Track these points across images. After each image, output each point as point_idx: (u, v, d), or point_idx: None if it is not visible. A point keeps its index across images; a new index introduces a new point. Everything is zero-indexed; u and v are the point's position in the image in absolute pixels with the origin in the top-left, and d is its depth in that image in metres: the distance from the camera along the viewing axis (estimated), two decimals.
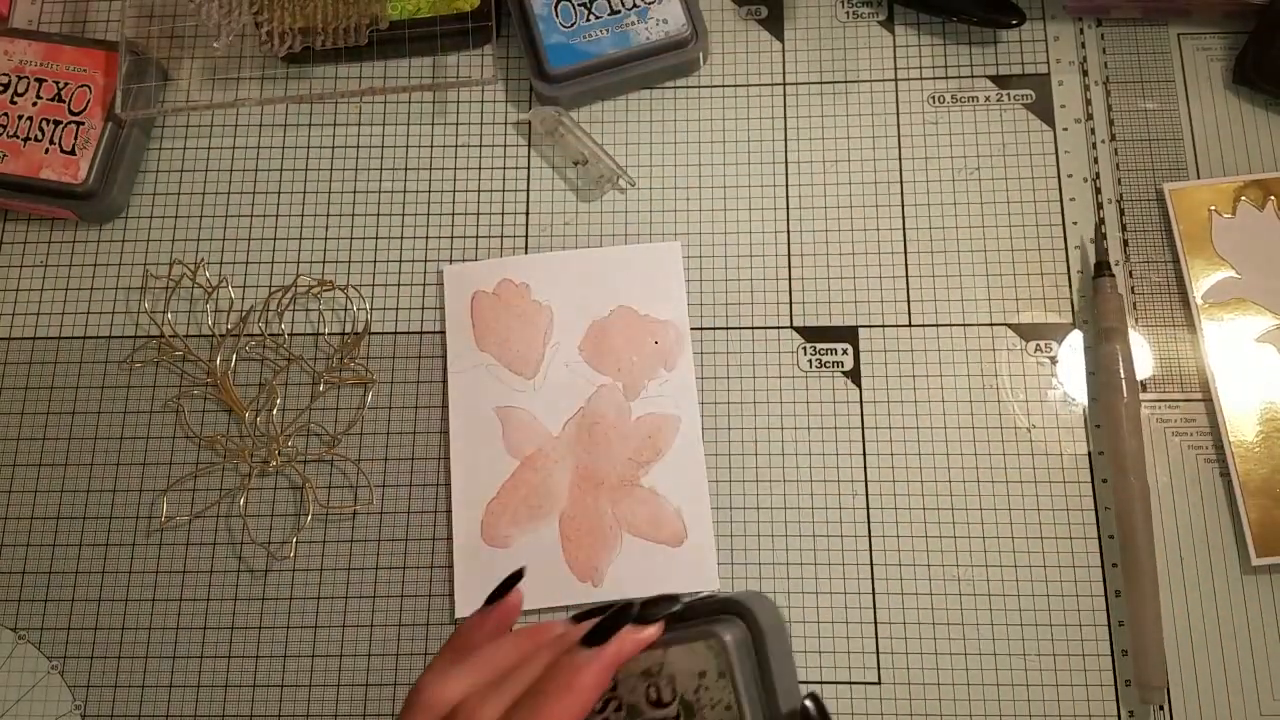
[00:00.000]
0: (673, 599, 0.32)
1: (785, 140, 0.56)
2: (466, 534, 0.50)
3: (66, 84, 0.55)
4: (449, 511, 0.51)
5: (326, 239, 0.55)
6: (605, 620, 0.32)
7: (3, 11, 0.59)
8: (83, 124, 0.54)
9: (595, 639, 0.31)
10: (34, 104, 0.55)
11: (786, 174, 0.55)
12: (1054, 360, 0.52)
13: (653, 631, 0.32)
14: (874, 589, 0.49)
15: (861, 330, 0.52)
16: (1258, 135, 0.54)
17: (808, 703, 0.30)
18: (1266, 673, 0.47)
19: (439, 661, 0.33)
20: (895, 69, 0.56)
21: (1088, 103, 0.55)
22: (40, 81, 0.55)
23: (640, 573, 0.49)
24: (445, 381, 0.53)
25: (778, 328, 0.53)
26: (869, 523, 0.50)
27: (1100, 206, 0.54)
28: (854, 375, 0.52)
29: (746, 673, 0.30)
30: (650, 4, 0.55)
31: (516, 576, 0.35)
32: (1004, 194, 0.54)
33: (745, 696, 0.30)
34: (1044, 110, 0.55)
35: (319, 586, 0.50)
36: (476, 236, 0.55)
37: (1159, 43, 0.56)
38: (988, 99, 0.56)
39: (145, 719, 0.49)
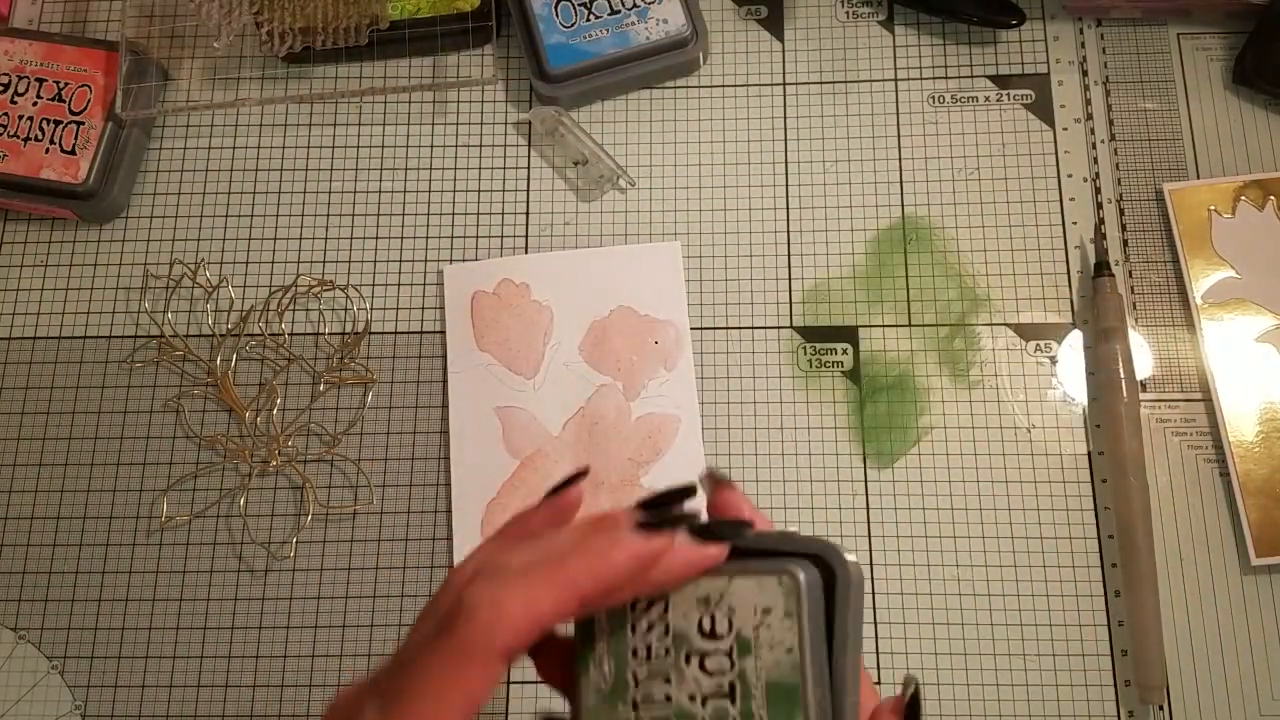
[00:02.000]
0: (744, 523, 0.30)
1: (785, 140, 0.56)
2: (466, 534, 0.50)
3: (67, 84, 0.55)
4: (449, 511, 0.51)
5: (327, 239, 0.55)
6: (659, 497, 0.29)
7: (3, 11, 0.59)
8: (83, 124, 0.54)
9: (650, 525, 0.28)
10: (34, 104, 0.55)
11: (786, 174, 0.55)
12: (1054, 360, 0.52)
13: (714, 552, 0.28)
14: (874, 589, 0.49)
15: (861, 330, 0.52)
16: (1257, 135, 0.54)
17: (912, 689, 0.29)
18: (1266, 672, 0.47)
19: (486, 544, 0.30)
20: (895, 69, 0.56)
21: (1087, 103, 0.55)
22: (41, 81, 0.55)
23: None
24: (445, 381, 0.53)
25: (778, 328, 0.53)
26: (869, 523, 0.50)
27: (1100, 206, 0.54)
28: (854, 375, 0.52)
29: (816, 619, 0.28)
30: (650, 4, 0.55)
31: (580, 475, 0.31)
32: (1004, 194, 0.54)
33: (809, 642, 0.28)
34: (1044, 110, 0.55)
35: (319, 586, 0.50)
36: (476, 236, 0.55)
37: (1159, 43, 0.56)
38: (988, 99, 0.56)
39: (145, 719, 0.49)
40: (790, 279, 0.54)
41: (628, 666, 0.29)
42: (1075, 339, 0.52)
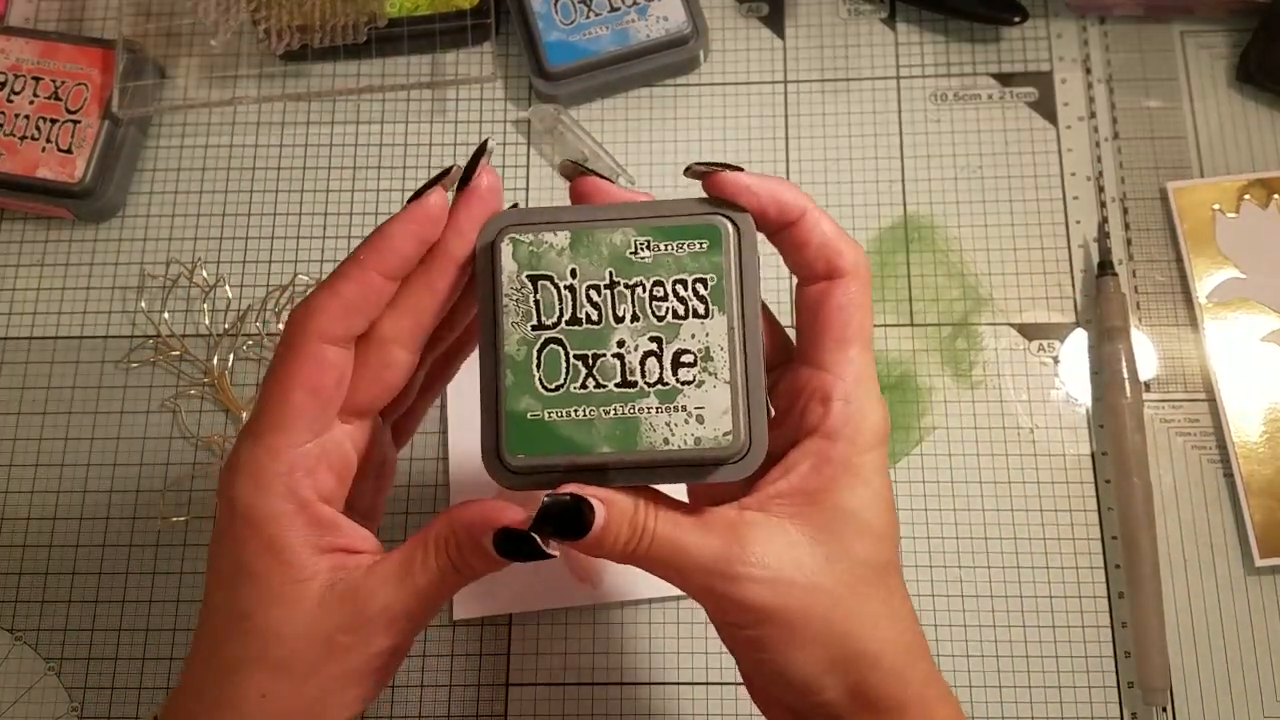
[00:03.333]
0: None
1: (786, 138, 0.55)
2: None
3: (63, 82, 0.55)
4: None
5: (324, 238, 0.55)
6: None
7: None
8: (79, 122, 0.54)
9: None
10: (30, 102, 0.54)
11: (788, 172, 0.55)
12: (1057, 360, 0.51)
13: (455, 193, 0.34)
14: None
15: None
16: (1261, 134, 0.54)
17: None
18: (1270, 674, 0.47)
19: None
20: (897, 67, 0.56)
21: (1091, 101, 0.55)
22: (37, 80, 0.55)
23: (639, 573, 0.49)
24: None
25: None
26: None
27: (1103, 205, 0.53)
28: None
29: (731, 260, 0.32)
30: (650, 1, 0.55)
31: (442, 175, 0.34)
32: (1006, 192, 0.54)
33: (732, 275, 0.32)
34: (1047, 108, 0.55)
35: None
36: None
37: (1162, 40, 0.56)
38: (990, 97, 0.55)
39: None
40: (791, 278, 0.53)
41: (546, 309, 0.32)
42: (1078, 339, 0.52)
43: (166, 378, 0.53)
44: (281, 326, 0.53)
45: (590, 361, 0.31)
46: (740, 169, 0.33)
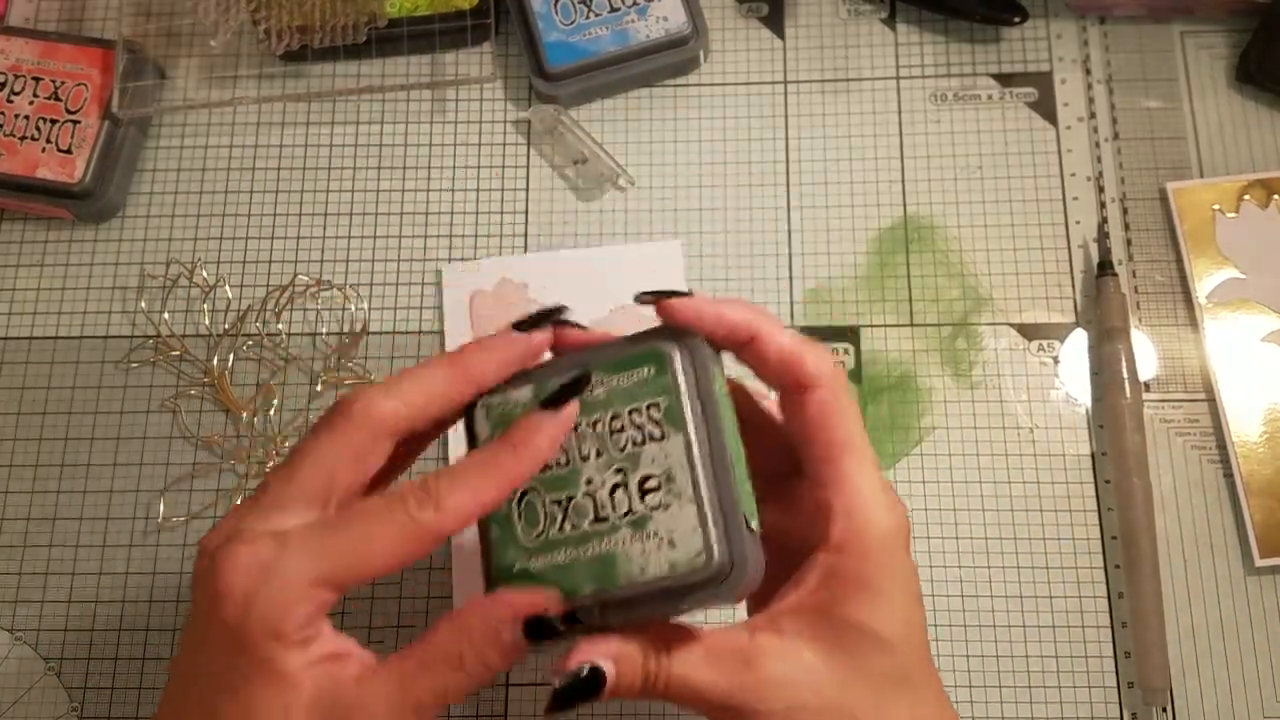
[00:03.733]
0: (556, 310, 0.35)
1: (786, 139, 0.55)
2: (465, 533, 0.50)
3: (63, 82, 0.55)
4: None
5: (324, 238, 0.55)
6: (566, 387, 0.32)
7: None
8: (79, 123, 0.54)
9: (553, 402, 0.32)
10: (30, 103, 0.54)
11: (787, 173, 0.55)
12: (1056, 360, 0.51)
13: (531, 337, 0.34)
14: None
15: (863, 330, 0.52)
16: (1261, 134, 0.54)
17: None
18: (1270, 674, 0.47)
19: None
20: (897, 67, 0.56)
21: (1090, 101, 0.55)
22: (37, 80, 0.55)
23: None
24: None
25: None
26: None
27: (1103, 205, 0.53)
28: (855, 375, 0.52)
29: (688, 381, 0.32)
30: (650, 2, 0.55)
31: (554, 312, 0.34)
32: (1006, 193, 0.54)
33: (685, 400, 0.31)
34: (1047, 108, 0.55)
35: None
36: (475, 236, 0.55)
37: (1162, 41, 0.56)
38: (990, 97, 0.55)
39: None
40: (791, 278, 0.53)
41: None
42: (1078, 339, 0.52)
43: (166, 378, 0.53)
44: (281, 326, 0.54)
45: (565, 504, 0.31)
46: (687, 293, 0.33)
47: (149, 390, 0.53)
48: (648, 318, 0.33)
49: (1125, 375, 0.49)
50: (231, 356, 0.53)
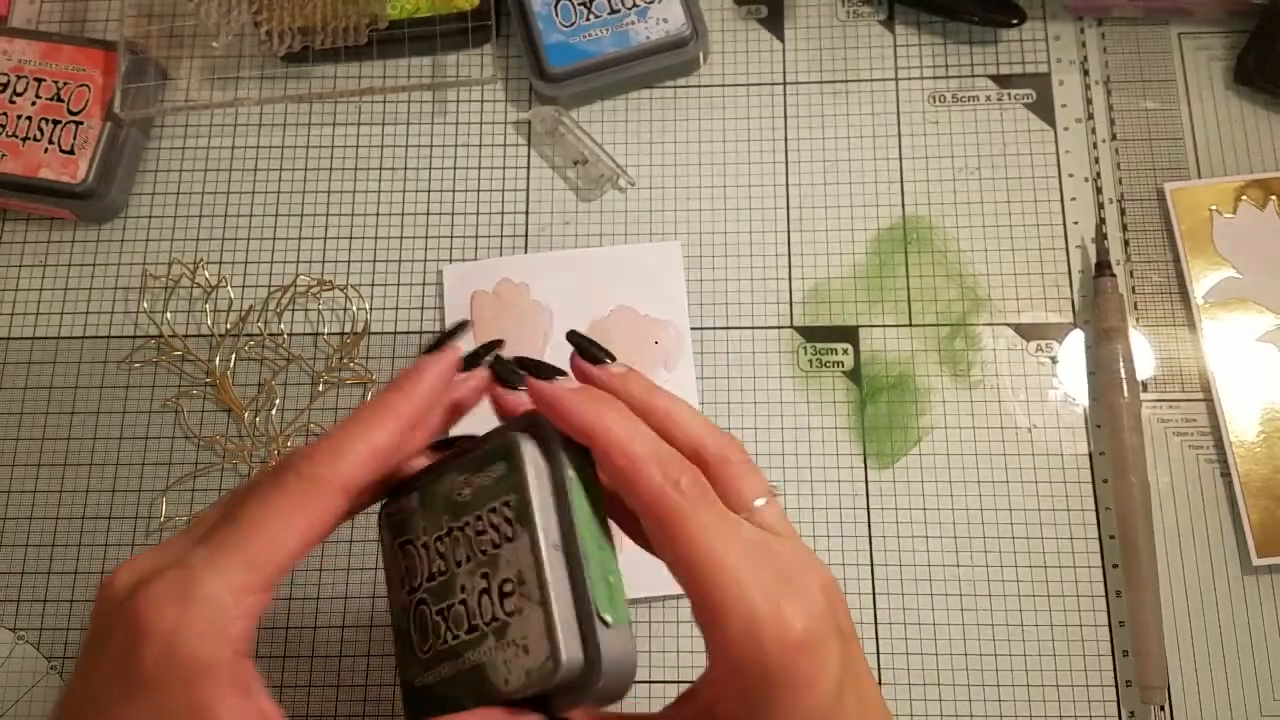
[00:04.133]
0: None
1: (785, 140, 0.56)
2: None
3: (65, 83, 0.55)
4: None
5: (326, 238, 0.55)
6: (446, 333, 0.33)
7: (2, 11, 0.59)
8: (82, 124, 0.54)
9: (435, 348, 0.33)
10: (33, 103, 0.55)
11: (786, 174, 0.55)
12: (1054, 360, 0.52)
13: (471, 375, 0.34)
14: (874, 589, 0.49)
15: (862, 330, 0.52)
16: (1259, 135, 0.54)
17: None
18: (1267, 673, 0.47)
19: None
20: (896, 68, 0.56)
21: (1088, 102, 0.55)
22: (39, 81, 0.55)
23: (637, 571, 0.49)
24: None
25: (778, 328, 0.53)
26: (869, 523, 0.50)
27: (1101, 206, 0.54)
28: (854, 375, 0.52)
29: (540, 472, 0.30)
30: (650, 3, 0.55)
31: (489, 347, 0.34)
32: (1004, 193, 0.54)
33: (534, 492, 0.29)
34: (1045, 110, 0.55)
35: (318, 587, 0.50)
36: (476, 236, 0.55)
37: (1160, 42, 0.56)
38: (988, 98, 0.56)
39: None
40: (791, 279, 0.53)
41: (410, 573, 0.32)
42: (1076, 339, 0.52)
43: (169, 378, 0.53)
44: (283, 326, 0.54)
45: (446, 614, 0.30)
46: (554, 376, 0.32)
47: (151, 390, 0.53)
48: (645, 314, 0.33)
49: (1123, 375, 0.49)
50: (233, 356, 0.54)
